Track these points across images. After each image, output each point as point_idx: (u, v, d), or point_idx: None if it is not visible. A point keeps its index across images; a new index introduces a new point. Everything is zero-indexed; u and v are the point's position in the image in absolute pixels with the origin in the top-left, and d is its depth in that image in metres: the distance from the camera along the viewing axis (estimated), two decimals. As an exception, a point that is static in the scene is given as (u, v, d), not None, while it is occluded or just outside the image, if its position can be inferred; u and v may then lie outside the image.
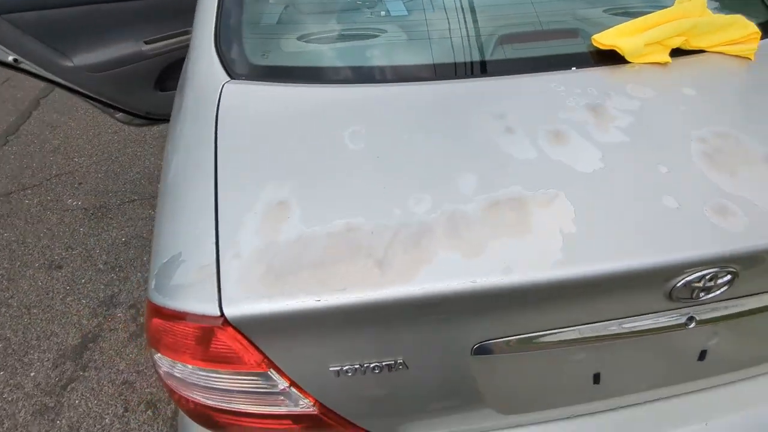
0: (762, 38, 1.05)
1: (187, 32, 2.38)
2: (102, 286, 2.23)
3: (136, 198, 2.79)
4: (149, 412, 1.73)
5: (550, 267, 0.62)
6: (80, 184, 2.93)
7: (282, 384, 0.70)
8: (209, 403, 0.74)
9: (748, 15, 1.08)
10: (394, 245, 0.65)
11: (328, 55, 1.08)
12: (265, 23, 1.14)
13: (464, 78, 0.97)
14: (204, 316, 0.62)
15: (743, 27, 1.04)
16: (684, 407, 0.90)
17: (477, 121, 0.85)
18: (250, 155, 0.83)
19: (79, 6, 2.06)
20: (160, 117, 2.55)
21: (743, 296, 0.73)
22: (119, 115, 2.44)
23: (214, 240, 0.69)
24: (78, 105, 3.82)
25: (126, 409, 1.74)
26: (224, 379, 0.70)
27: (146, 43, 2.24)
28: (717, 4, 1.13)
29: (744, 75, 0.99)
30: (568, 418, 0.88)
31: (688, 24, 1.01)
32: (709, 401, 0.91)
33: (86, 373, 1.86)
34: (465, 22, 1.05)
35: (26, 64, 1.98)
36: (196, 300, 0.63)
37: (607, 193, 0.72)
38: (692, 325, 0.72)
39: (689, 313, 0.72)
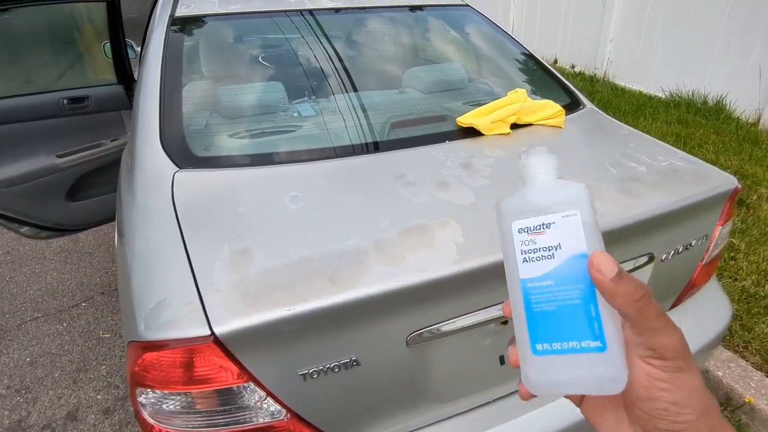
0: (567, 114, 1.53)
1: (100, 144, 2.52)
2: (6, 412, 2.04)
3: (39, 315, 2.64)
4: None
5: (451, 264, 0.89)
6: (-31, 310, 2.70)
7: (260, 393, 0.84)
8: (194, 430, 0.85)
9: (556, 99, 1.56)
10: (339, 266, 0.88)
11: (258, 145, 1.34)
12: (202, 124, 1.38)
13: (371, 153, 1.29)
14: (196, 338, 0.77)
15: (553, 107, 1.51)
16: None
17: (385, 180, 1.15)
18: (209, 221, 1.02)
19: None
20: (68, 228, 2.55)
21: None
22: (24, 229, 2.40)
23: (193, 284, 0.85)
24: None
25: None
26: (209, 399, 0.83)
27: (59, 156, 2.32)
28: (537, 93, 1.62)
29: (558, 137, 1.43)
30: (488, 402, 1.10)
31: (517, 107, 1.46)
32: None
33: None
34: (366, 114, 1.40)
35: None
36: (188, 326, 0.78)
37: (480, 215, 1.03)
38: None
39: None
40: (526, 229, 0.38)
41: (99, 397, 2.09)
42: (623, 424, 0.36)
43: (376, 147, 1.33)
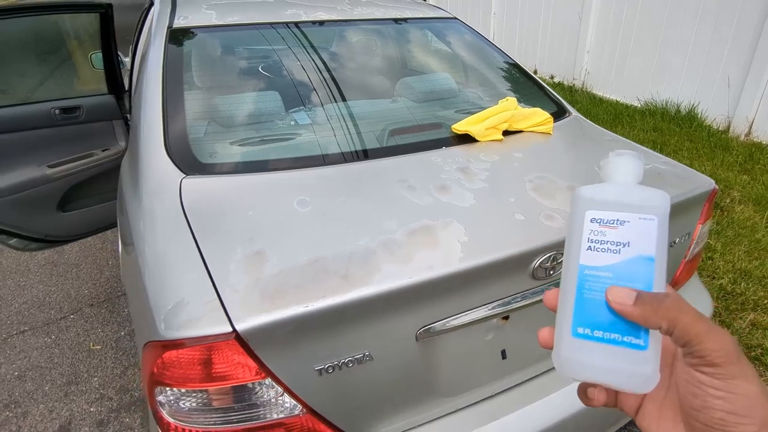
0: (555, 121, 1.61)
1: (92, 154, 2.52)
2: (-5, 429, 2.00)
3: (26, 329, 2.59)
4: None
5: (457, 262, 0.93)
6: (-47, 325, 2.63)
7: (277, 389, 0.87)
8: (212, 428, 0.87)
9: (544, 107, 1.64)
10: (351, 265, 0.92)
11: (262, 152, 1.38)
12: (204, 132, 1.41)
13: (372, 159, 1.34)
14: (218, 335, 0.80)
15: (542, 115, 1.59)
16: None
17: (388, 184, 1.19)
18: (220, 226, 1.05)
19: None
20: (59, 239, 2.52)
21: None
22: (13, 241, 2.37)
23: (211, 284, 0.88)
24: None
25: None
26: (227, 395, 0.85)
27: (50, 167, 2.30)
28: (524, 102, 1.69)
29: (547, 143, 1.50)
30: (491, 396, 1.14)
31: (508, 114, 1.52)
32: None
33: None
34: (364, 122, 1.45)
35: None
36: (209, 324, 0.81)
37: (481, 216, 1.08)
38: (552, 297, 1.07)
39: (549, 287, 1.07)
40: (599, 221, 0.38)
41: (92, 409, 2.07)
42: None
43: (376, 153, 1.37)
